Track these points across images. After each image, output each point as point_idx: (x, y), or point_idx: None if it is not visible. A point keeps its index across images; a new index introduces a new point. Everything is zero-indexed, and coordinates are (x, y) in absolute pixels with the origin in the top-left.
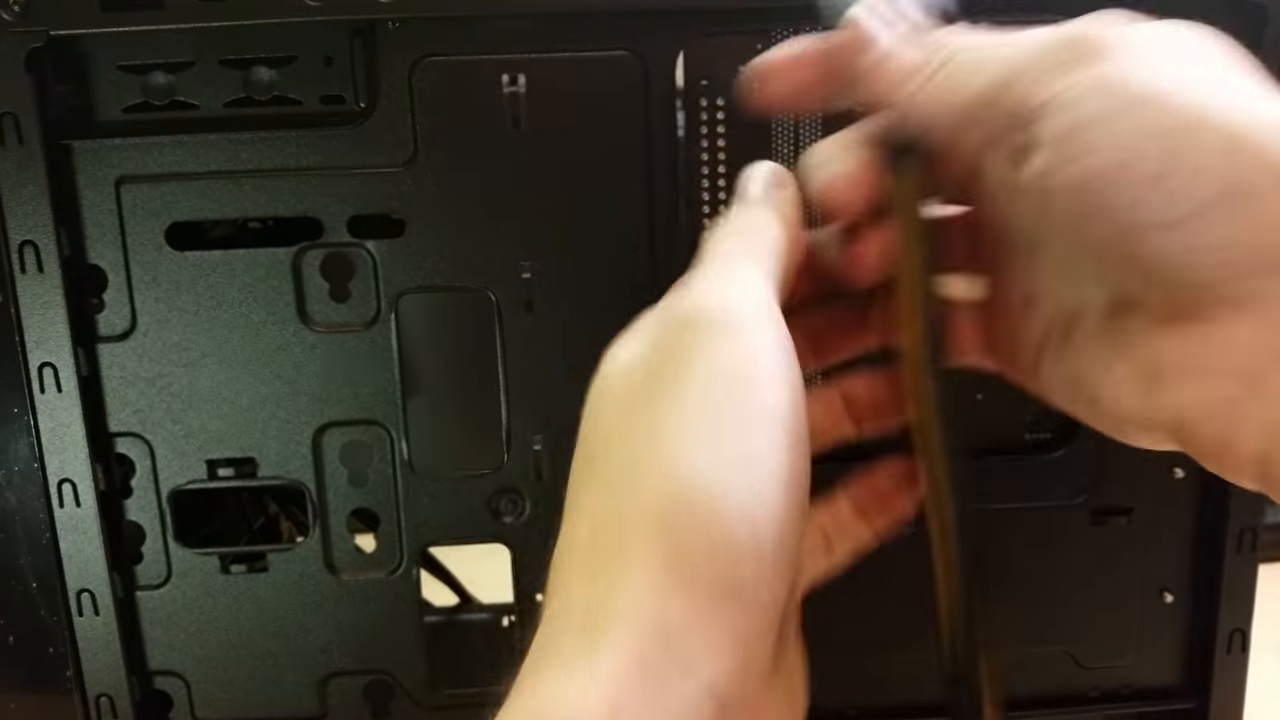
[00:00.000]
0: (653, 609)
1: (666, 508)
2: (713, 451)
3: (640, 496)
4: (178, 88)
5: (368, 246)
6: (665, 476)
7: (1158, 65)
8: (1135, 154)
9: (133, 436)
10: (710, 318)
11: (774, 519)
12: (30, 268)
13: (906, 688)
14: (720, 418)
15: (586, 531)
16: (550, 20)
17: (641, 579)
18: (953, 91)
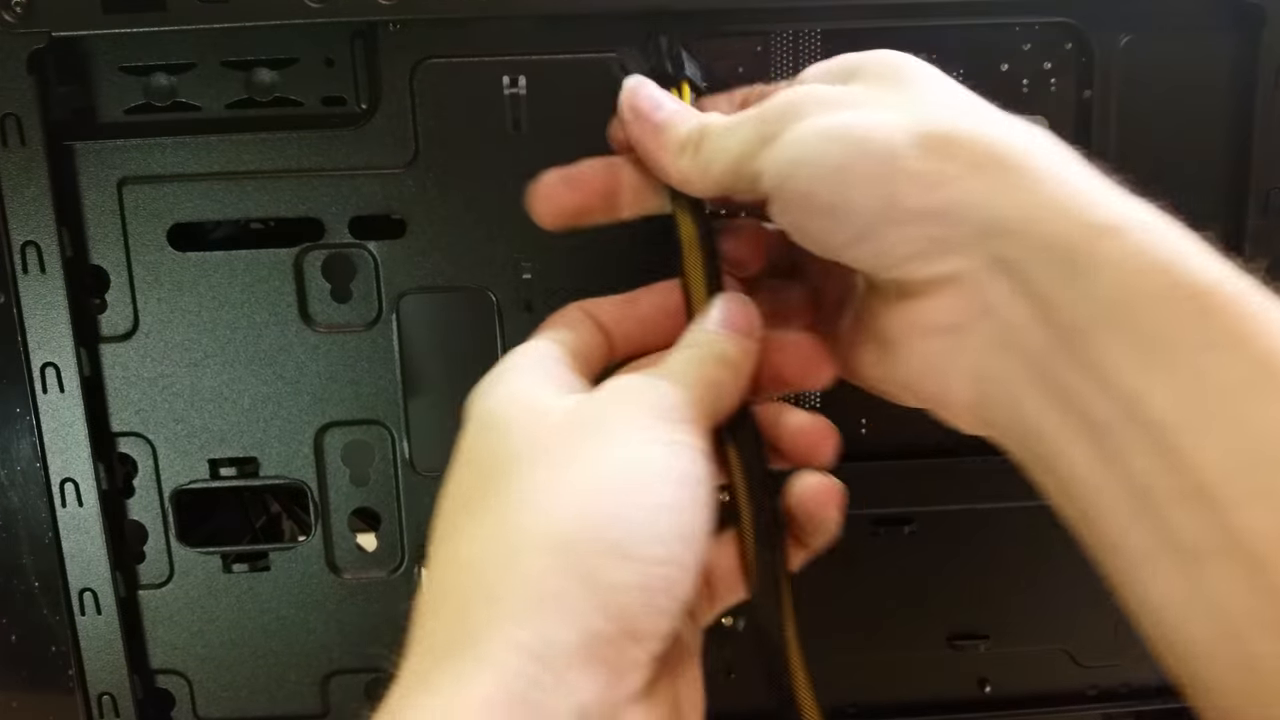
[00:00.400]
0: (537, 634)
1: (565, 536)
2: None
3: (537, 526)
4: (179, 89)
5: (369, 247)
6: (565, 510)
7: (839, 113)
8: (812, 195)
9: (135, 436)
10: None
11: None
12: (33, 268)
13: (907, 687)
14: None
15: (467, 554)
16: (550, 22)
17: (525, 603)
18: (706, 167)
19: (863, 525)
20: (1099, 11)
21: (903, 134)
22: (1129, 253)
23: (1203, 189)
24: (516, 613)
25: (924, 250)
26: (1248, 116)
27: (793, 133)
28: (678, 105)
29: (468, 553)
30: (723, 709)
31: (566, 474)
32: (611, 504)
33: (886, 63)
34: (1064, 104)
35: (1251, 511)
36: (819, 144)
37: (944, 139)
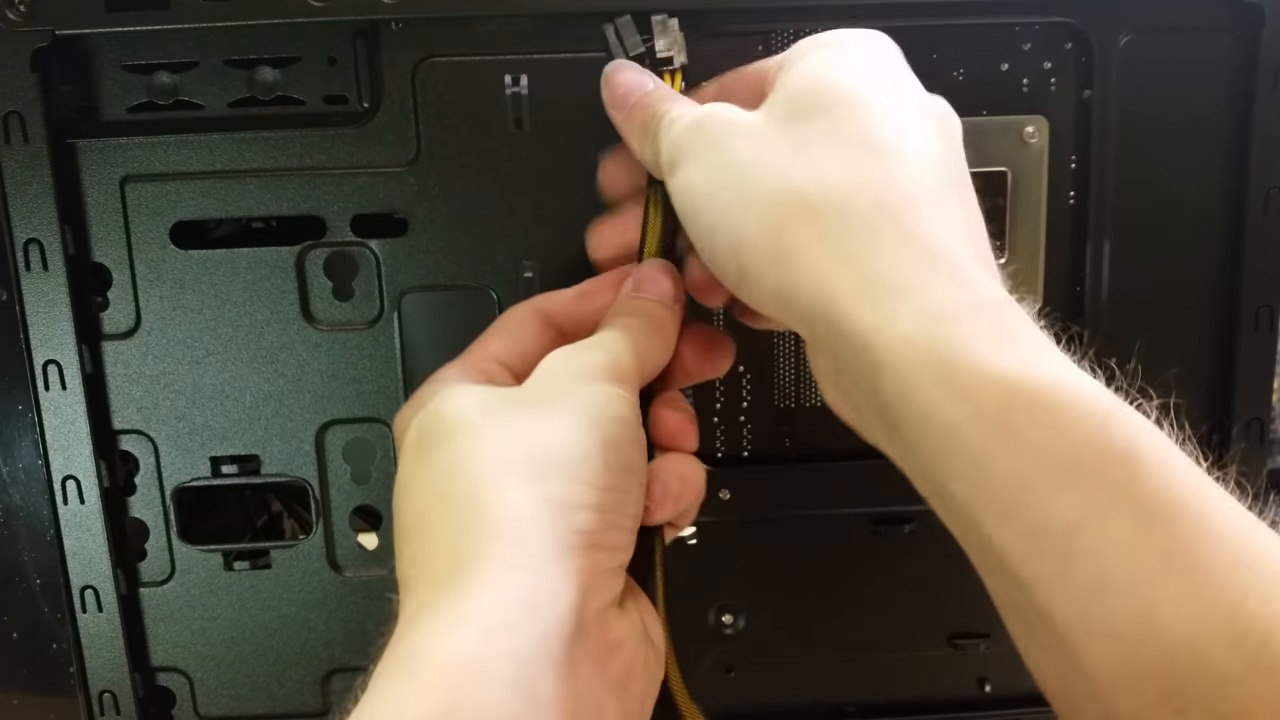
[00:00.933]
0: (519, 554)
1: (526, 471)
2: None
3: (498, 467)
4: (182, 87)
5: (371, 245)
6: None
7: (734, 156)
8: (692, 236)
9: (137, 434)
10: None
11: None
12: (35, 266)
13: (906, 687)
14: None
15: (439, 507)
16: (552, 21)
17: (506, 530)
18: (656, 155)
19: (863, 525)
20: (1099, 11)
21: (753, 211)
22: (908, 360)
23: (1203, 189)
24: (501, 536)
25: (769, 311)
26: (1248, 116)
27: (682, 176)
28: (652, 88)
29: (431, 493)
30: (723, 709)
31: (519, 426)
32: (561, 442)
33: (813, 86)
34: (1064, 104)
35: None
36: (695, 200)
37: (788, 217)
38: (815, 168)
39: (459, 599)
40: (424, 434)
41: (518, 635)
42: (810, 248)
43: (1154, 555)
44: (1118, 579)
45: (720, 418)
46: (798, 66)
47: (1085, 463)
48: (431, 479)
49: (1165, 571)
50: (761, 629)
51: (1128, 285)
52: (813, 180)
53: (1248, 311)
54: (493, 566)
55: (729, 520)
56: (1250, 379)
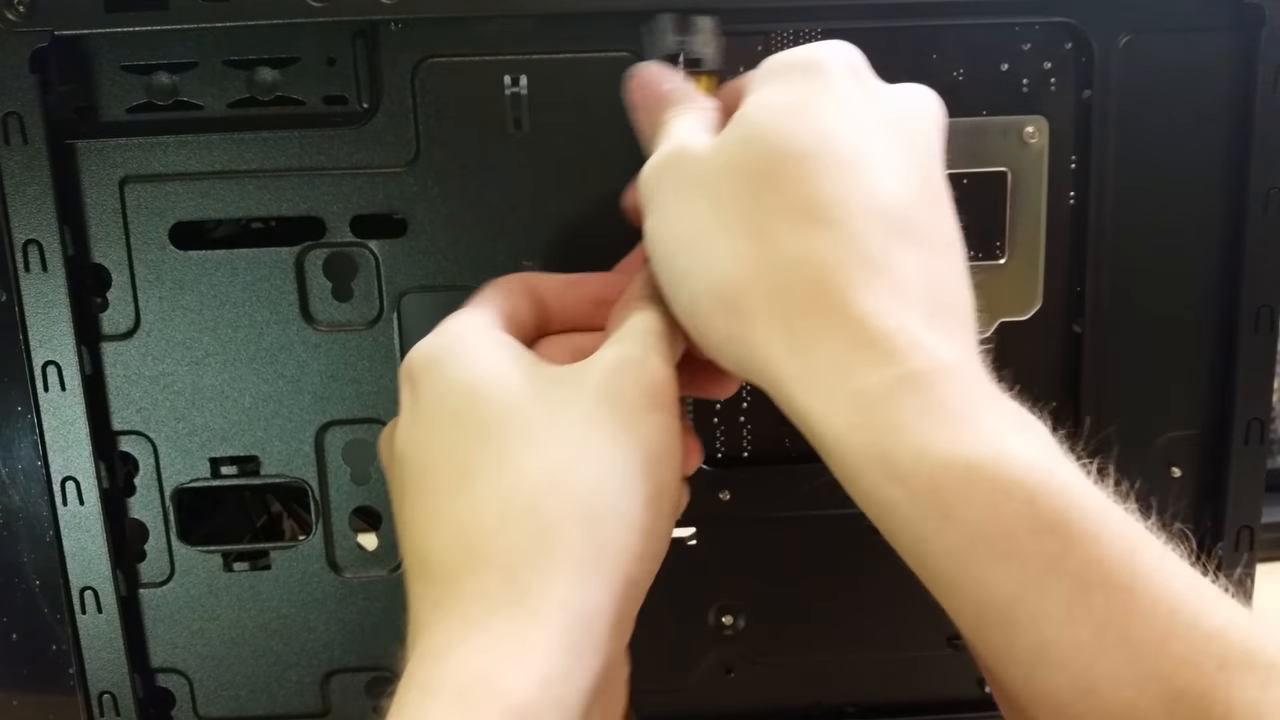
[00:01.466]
0: (580, 596)
1: (591, 510)
2: None
3: (564, 497)
4: (181, 88)
5: (370, 246)
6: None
7: (693, 210)
8: (676, 295)
9: (136, 435)
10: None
11: (663, 530)
12: (34, 266)
13: (907, 687)
14: None
15: (493, 518)
16: (552, 21)
17: (568, 568)
18: None
19: (863, 525)
20: (1099, 11)
21: (705, 286)
22: (843, 442)
23: (1203, 189)
24: (564, 575)
25: (742, 379)
26: (1248, 116)
27: (649, 225)
28: (666, 89)
29: (493, 512)
30: (723, 709)
31: (582, 446)
32: (624, 483)
33: (764, 134)
34: (1064, 104)
35: None
36: (657, 255)
37: (737, 296)
38: (763, 243)
39: (519, 632)
40: (463, 404)
41: (567, 685)
42: (757, 329)
43: (1089, 626)
44: (1057, 650)
45: (720, 418)
46: (753, 102)
47: (1018, 539)
48: (483, 470)
49: (1100, 642)
50: (761, 629)
51: (1128, 286)
52: (760, 259)
53: (1248, 312)
54: (553, 605)
55: (729, 520)
56: (1250, 379)
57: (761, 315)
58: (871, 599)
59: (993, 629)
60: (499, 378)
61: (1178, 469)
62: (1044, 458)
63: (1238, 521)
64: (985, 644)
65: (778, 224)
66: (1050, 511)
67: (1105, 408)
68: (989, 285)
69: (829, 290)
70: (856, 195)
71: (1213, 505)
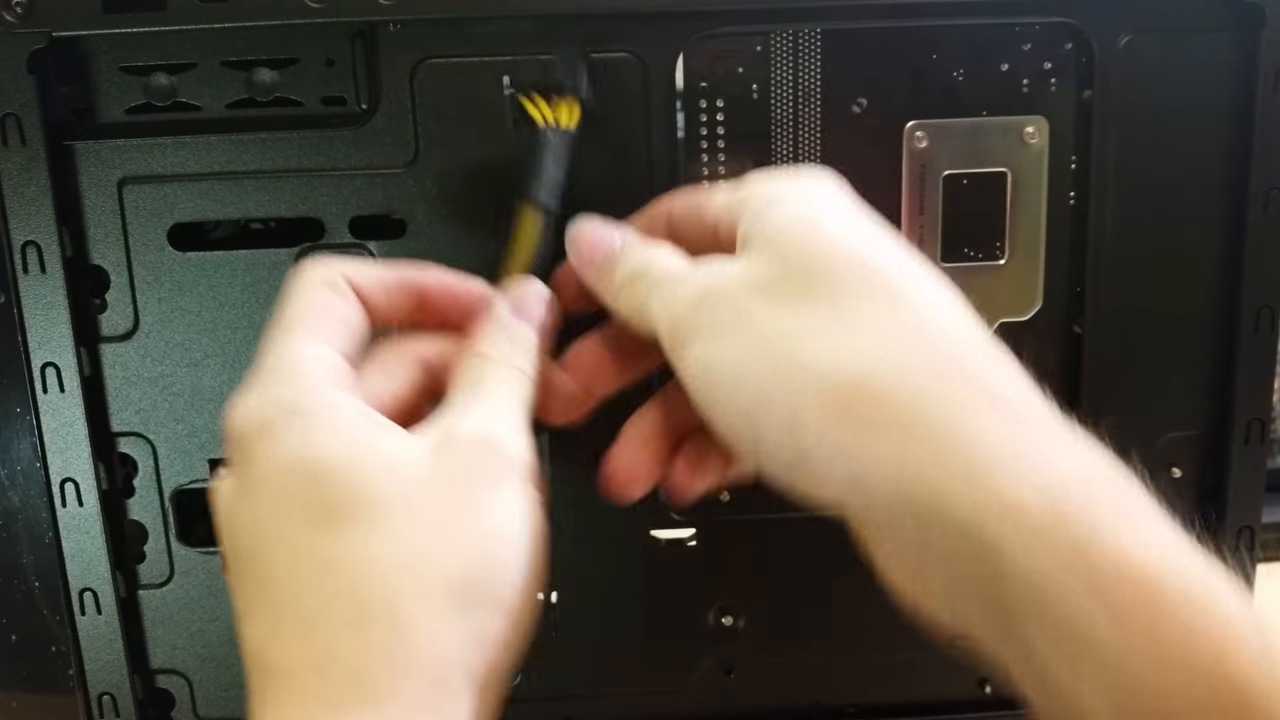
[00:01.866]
0: (438, 695)
1: (460, 596)
2: None
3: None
4: (180, 89)
5: (369, 247)
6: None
7: (752, 337)
8: (726, 420)
9: (135, 436)
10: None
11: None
12: (33, 268)
13: (907, 687)
14: None
15: (342, 615)
16: (552, 21)
17: (427, 667)
18: (633, 312)
19: None
20: (1099, 11)
21: (809, 393)
22: (1035, 540)
23: (1203, 189)
24: (421, 674)
25: (835, 500)
26: (1248, 116)
27: (700, 354)
28: (619, 244)
29: (342, 608)
30: (723, 709)
31: (448, 531)
32: (498, 568)
33: (811, 250)
34: (1064, 104)
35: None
36: (727, 380)
37: (853, 396)
38: (862, 342)
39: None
40: (304, 485)
41: None
42: (886, 428)
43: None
44: None
45: None
46: (772, 224)
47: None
48: (329, 561)
49: None
50: (761, 629)
51: (1128, 286)
52: (867, 355)
53: (1248, 312)
54: (405, 705)
55: (729, 521)
56: (1250, 379)
57: (887, 412)
58: (871, 599)
59: None
60: (344, 453)
61: (1178, 469)
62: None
63: (1238, 521)
64: None
65: (873, 323)
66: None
67: (1105, 408)
68: (989, 286)
69: (956, 376)
70: (935, 299)
71: (1213, 505)
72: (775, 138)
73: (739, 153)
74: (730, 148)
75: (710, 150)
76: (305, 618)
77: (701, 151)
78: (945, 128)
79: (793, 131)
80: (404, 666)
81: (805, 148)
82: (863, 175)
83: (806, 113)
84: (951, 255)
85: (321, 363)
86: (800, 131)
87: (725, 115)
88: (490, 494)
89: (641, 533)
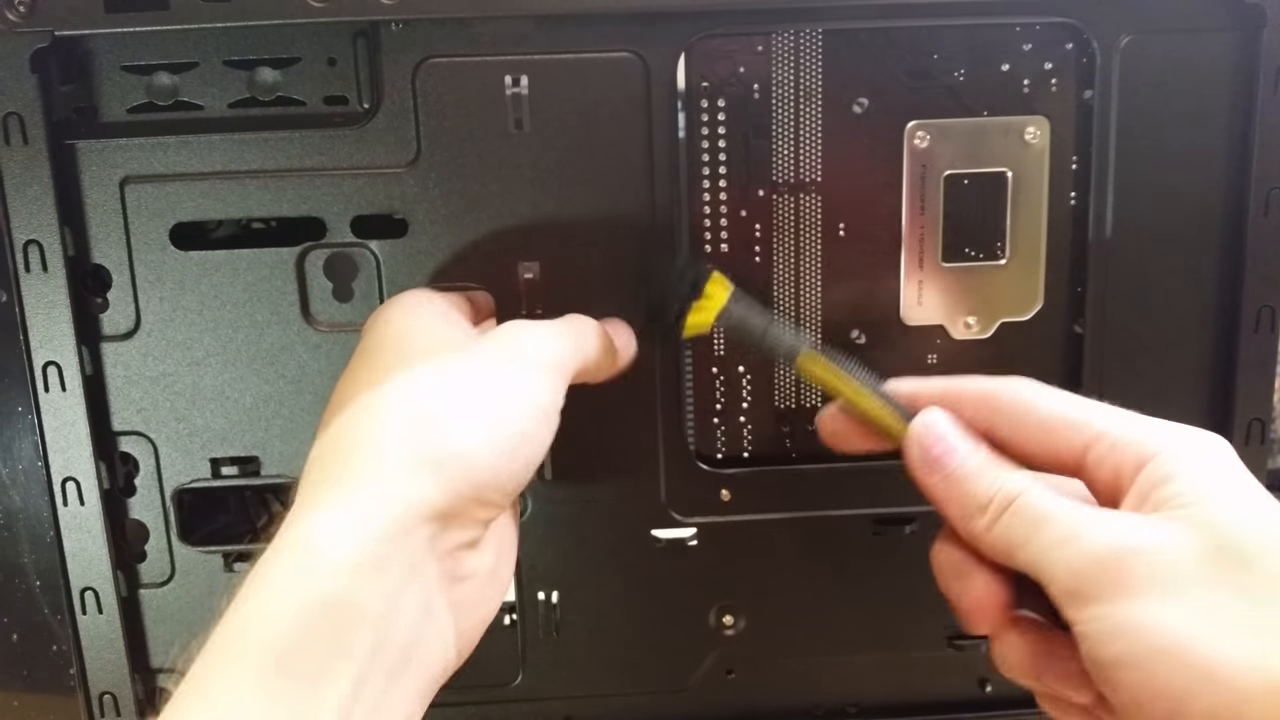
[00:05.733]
0: (411, 483)
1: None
2: None
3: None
4: (182, 88)
5: (371, 246)
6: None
7: (1180, 610)
8: (1135, 701)
9: (136, 435)
10: None
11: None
12: (35, 267)
13: (907, 687)
14: None
15: (353, 421)
16: (552, 22)
17: (401, 464)
18: (1010, 547)
19: (863, 525)
20: (1099, 11)
21: (1254, 683)
22: None
23: (1203, 189)
24: (400, 465)
25: None
26: (1248, 116)
27: (1119, 619)
28: (971, 450)
29: (354, 419)
30: (723, 709)
31: (449, 379)
32: (476, 402)
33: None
34: (1064, 104)
35: None
36: (1150, 656)
37: None
38: None
39: (343, 513)
40: (383, 346)
41: (384, 563)
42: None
43: None
44: None
45: (720, 418)
46: (1207, 494)
47: None
48: (373, 384)
49: None
50: (762, 630)
51: (1128, 286)
52: None
53: (1248, 312)
54: (384, 487)
55: (729, 521)
56: (1251, 379)
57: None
58: (871, 599)
59: None
60: (420, 321)
61: None
62: None
63: None
64: None
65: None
66: None
67: None
68: (989, 286)
69: None
70: None
71: None
72: (776, 138)
73: (739, 153)
74: (730, 148)
75: (710, 150)
76: (327, 428)
77: (702, 151)
78: (946, 128)
79: (793, 131)
80: (381, 461)
81: (806, 148)
82: (863, 175)
83: (807, 113)
84: (952, 255)
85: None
86: (801, 131)
87: (725, 115)
88: (496, 361)
89: (642, 533)
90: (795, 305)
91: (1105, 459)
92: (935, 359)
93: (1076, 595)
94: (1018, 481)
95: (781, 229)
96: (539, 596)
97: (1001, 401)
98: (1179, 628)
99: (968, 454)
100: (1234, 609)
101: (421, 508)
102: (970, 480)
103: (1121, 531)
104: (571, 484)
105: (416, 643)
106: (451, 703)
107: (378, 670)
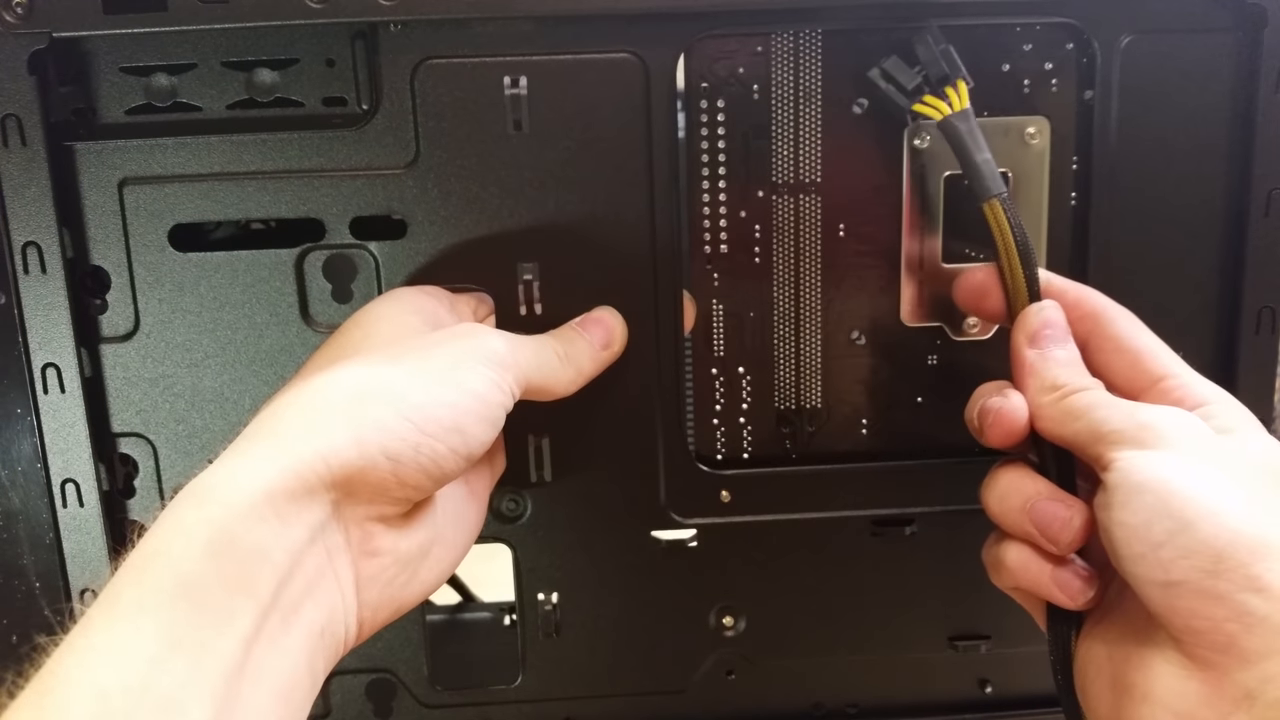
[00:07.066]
0: (327, 440)
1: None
2: None
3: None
4: (180, 89)
5: (370, 248)
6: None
7: (1207, 470)
8: (1156, 520)
9: (136, 437)
10: None
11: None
12: (33, 269)
13: (907, 687)
14: None
15: (287, 397)
16: (552, 22)
17: (324, 423)
18: (1060, 422)
19: (863, 525)
20: (1100, 11)
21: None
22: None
23: (1203, 189)
24: (318, 426)
25: (1222, 643)
26: (1248, 116)
27: (1151, 457)
28: (1067, 345)
29: (296, 395)
30: (723, 709)
31: (393, 362)
32: (409, 381)
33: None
34: (1065, 104)
35: None
36: (1170, 483)
37: None
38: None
39: (253, 460)
40: (350, 335)
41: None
42: None
43: None
44: None
45: (720, 418)
46: (1256, 441)
47: None
48: (328, 366)
49: None
50: (762, 631)
51: (1129, 286)
52: None
53: (1249, 313)
54: (296, 441)
55: (729, 522)
56: (1251, 380)
57: None
58: (872, 599)
59: None
60: (389, 313)
61: None
62: None
63: None
64: None
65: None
66: None
67: None
68: None
69: None
70: None
71: None
72: (776, 138)
73: (739, 153)
74: (730, 148)
75: (710, 151)
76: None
77: (701, 151)
78: None
79: (793, 132)
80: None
81: (806, 148)
82: (863, 176)
83: (807, 113)
84: (952, 255)
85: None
86: (801, 132)
87: (725, 115)
88: (444, 349)
89: (642, 534)
90: (795, 305)
91: (1169, 393)
92: (935, 360)
93: (1121, 439)
94: (1089, 380)
95: (781, 229)
96: (539, 597)
97: (1107, 318)
98: (1203, 475)
99: (1064, 346)
100: (1253, 494)
101: (324, 467)
102: (1055, 366)
103: (1170, 411)
104: (571, 485)
105: (317, 603)
106: (452, 704)
107: (277, 616)
